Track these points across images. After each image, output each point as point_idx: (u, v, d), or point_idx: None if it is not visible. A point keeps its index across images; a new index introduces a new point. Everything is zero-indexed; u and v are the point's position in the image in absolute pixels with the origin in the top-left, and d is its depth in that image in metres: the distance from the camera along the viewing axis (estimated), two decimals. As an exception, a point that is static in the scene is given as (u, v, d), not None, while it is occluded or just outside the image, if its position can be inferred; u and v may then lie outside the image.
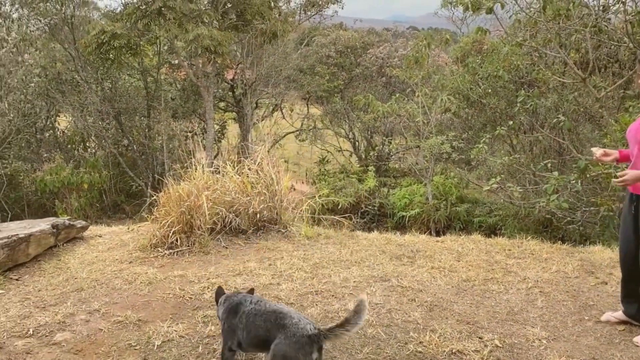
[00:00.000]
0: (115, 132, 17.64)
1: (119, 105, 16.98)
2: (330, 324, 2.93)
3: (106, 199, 16.98)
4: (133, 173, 16.78)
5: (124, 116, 17.49)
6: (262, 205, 6.19)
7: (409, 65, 12.87)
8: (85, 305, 4.25)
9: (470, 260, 5.26)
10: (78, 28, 16.54)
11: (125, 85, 17.86)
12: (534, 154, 10.35)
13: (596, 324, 3.92)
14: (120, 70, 16.97)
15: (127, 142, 17.58)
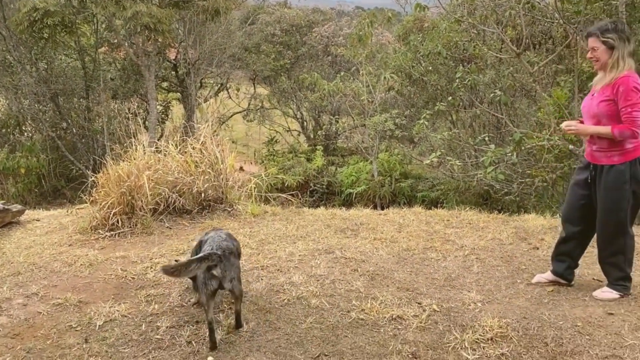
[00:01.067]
0: (52, 114, 16.89)
1: (55, 87, 16.24)
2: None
3: (45, 184, 16.34)
4: (73, 157, 16.18)
5: (62, 98, 16.74)
6: (207, 184, 6.16)
7: (353, 44, 12.94)
8: (23, 289, 4.14)
9: (410, 231, 5.42)
10: (8, 5, 15.65)
11: (62, 66, 17.07)
12: (473, 129, 10.70)
13: (527, 286, 4.14)
14: (55, 50, 16.19)
15: (65, 125, 16.91)
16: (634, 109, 3.53)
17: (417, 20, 13.46)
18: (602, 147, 3.74)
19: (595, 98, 3.75)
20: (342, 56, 18.26)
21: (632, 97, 3.53)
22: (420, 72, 11.54)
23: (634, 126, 3.54)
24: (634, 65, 3.66)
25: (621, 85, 3.56)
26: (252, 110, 23.32)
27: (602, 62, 3.69)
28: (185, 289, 4.09)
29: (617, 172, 3.68)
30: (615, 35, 3.61)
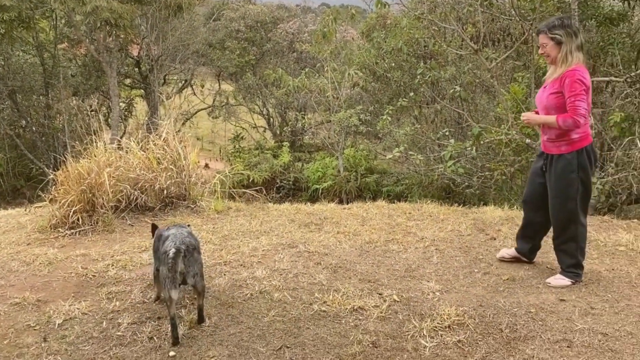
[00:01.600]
0: (10, 112, 16.47)
1: (13, 84, 15.81)
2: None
3: (4, 183, 15.92)
4: (33, 155, 15.81)
5: (20, 95, 16.32)
6: (169, 181, 6.11)
7: (317, 40, 12.98)
8: (-21, 290, 4.05)
9: (373, 224, 5.51)
10: (-39, 0, 15.14)
11: (20, 62, 16.62)
12: (436, 124, 10.89)
13: (484, 275, 4.27)
14: (13, 46, 15.77)
15: (24, 123, 16.49)
16: (577, 98, 3.71)
17: (380, 17, 13.59)
18: (552, 137, 3.95)
19: (546, 91, 3.94)
20: (307, 52, 18.29)
21: (576, 88, 3.71)
22: (383, 69, 11.66)
23: (575, 115, 3.71)
24: (582, 58, 3.85)
25: (567, 78, 3.75)
26: (217, 106, 23.16)
27: (552, 57, 3.87)
28: (147, 285, 4.08)
29: (565, 161, 3.89)
30: (562, 31, 3.79)
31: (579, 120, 3.72)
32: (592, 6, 7.60)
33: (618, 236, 5.06)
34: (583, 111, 3.72)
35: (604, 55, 7.80)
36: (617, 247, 4.83)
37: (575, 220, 3.99)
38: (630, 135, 6.53)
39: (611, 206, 7.10)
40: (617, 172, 6.64)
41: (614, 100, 7.23)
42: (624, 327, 3.43)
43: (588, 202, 4.13)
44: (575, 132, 3.83)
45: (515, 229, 5.28)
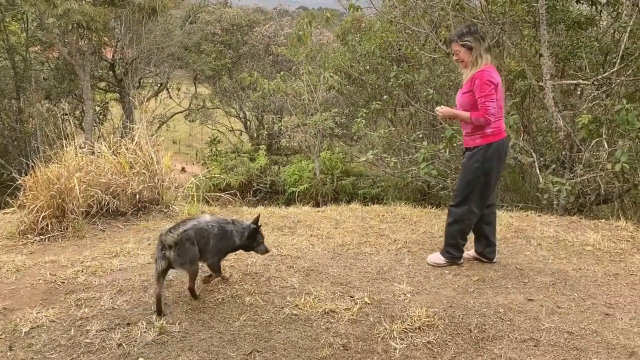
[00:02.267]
0: (-20, 116, 16.14)
1: (-18, 88, 15.53)
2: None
3: (-27, 189, 15.56)
4: (4, 160, 15.50)
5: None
6: (142, 185, 6.05)
7: (293, 43, 12.97)
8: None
9: (346, 227, 5.53)
10: None
11: (-10, 65, 16.34)
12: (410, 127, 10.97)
13: (455, 276, 4.32)
14: (-18, 49, 15.50)
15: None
16: (487, 99, 4.07)
17: (355, 20, 13.66)
18: (468, 132, 4.31)
19: (461, 90, 4.32)
20: (283, 56, 18.26)
21: (485, 89, 4.07)
22: (359, 72, 11.72)
23: (486, 114, 4.08)
24: (490, 59, 4.21)
25: (477, 79, 4.11)
26: (193, 110, 22.99)
27: (465, 62, 4.23)
28: (117, 291, 4.03)
29: (473, 152, 4.27)
30: (471, 37, 4.16)
31: (489, 119, 4.09)
32: (561, 10, 7.74)
33: (586, 236, 5.17)
34: (493, 110, 4.08)
35: (572, 59, 7.95)
36: (584, 246, 4.93)
37: (469, 204, 4.32)
38: (597, 137, 6.67)
39: (580, 207, 7.24)
40: (586, 173, 6.77)
41: (582, 103, 7.37)
42: (589, 326, 3.50)
43: (488, 193, 4.41)
44: (489, 127, 4.18)
45: (486, 230, 5.37)
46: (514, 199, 8.38)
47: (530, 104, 8.64)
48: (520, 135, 7.82)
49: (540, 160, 7.40)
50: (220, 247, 3.96)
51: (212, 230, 3.88)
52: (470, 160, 4.26)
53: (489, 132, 4.19)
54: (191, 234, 3.73)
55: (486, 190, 4.34)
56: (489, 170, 4.24)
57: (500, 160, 4.31)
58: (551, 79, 7.18)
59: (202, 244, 3.79)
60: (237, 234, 4.02)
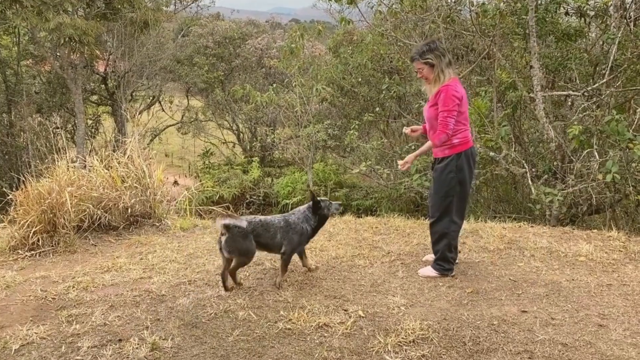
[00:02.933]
0: (-29, 130, 16.06)
1: (-27, 101, 15.47)
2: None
3: (-36, 204, 15.43)
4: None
5: (-19, 113, 15.96)
6: (134, 199, 6.04)
7: (285, 56, 13.03)
8: None
9: (340, 239, 5.52)
10: None
11: (-19, 79, 16.28)
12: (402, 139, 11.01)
13: (449, 288, 4.30)
14: (-27, 63, 15.45)
15: (-14, 142, 16.08)
16: (449, 114, 4.18)
17: (347, 33, 13.76)
18: (436, 145, 4.38)
19: (428, 104, 4.40)
20: (275, 68, 18.34)
21: (449, 103, 4.16)
22: (351, 84, 11.77)
23: (447, 129, 4.20)
24: (453, 73, 4.30)
25: (442, 93, 4.18)
26: (186, 122, 22.99)
27: (429, 79, 4.31)
28: (109, 307, 3.99)
29: (445, 163, 4.33)
30: (432, 54, 4.25)
31: (449, 133, 4.21)
32: (550, 22, 7.83)
33: (578, 247, 5.18)
34: (452, 126, 4.19)
35: (562, 70, 8.03)
36: (577, 257, 4.94)
37: (450, 215, 4.39)
38: (588, 147, 6.72)
39: (573, 217, 7.27)
40: (577, 184, 6.81)
41: (573, 114, 7.43)
42: (583, 337, 3.50)
43: (465, 202, 4.53)
44: (456, 138, 4.27)
45: (480, 241, 5.39)
46: (506, 210, 8.41)
47: (522, 115, 8.71)
48: (512, 146, 7.87)
49: (532, 170, 7.44)
50: (291, 239, 4.25)
51: (279, 224, 4.23)
52: (444, 172, 4.33)
53: (456, 142, 4.28)
54: (244, 225, 4.07)
55: (464, 200, 4.45)
56: (463, 179, 4.33)
57: (471, 168, 4.41)
58: (542, 90, 7.25)
59: (268, 237, 4.19)
60: (302, 220, 4.31)
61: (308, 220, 4.34)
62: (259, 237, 4.16)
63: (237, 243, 4.10)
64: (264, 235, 4.18)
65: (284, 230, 4.24)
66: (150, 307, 3.99)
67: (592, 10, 7.89)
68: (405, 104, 10.74)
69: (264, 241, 4.20)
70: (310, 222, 4.36)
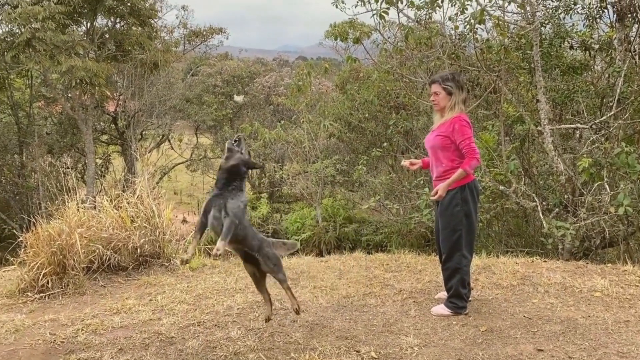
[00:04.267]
0: (-17, 171, 16.28)
1: (-14, 143, 15.73)
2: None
3: (-25, 245, 15.50)
4: (5, 215, 15.52)
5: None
6: (143, 239, 6.01)
7: (293, 93, 13.20)
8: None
9: (350, 277, 5.46)
10: (-64, 61, 15.17)
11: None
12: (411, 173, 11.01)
13: (462, 327, 4.22)
14: (-13, 106, 15.78)
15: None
16: (471, 141, 4.19)
17: (353, 70, 13.95)
18: (439, 176, 4.36)
19: (434, 132, 4.37)
20: (283, 105, 18.56)
21: (466, 132, 4.18)
22: (358, 119, 11.87)
23: (475, 155, 4.18)
24: (464, 109, 4.36)
25: (456, 124, 4.18)
26: (195, 160, 23.19)
27: (441, 106, 4.29)
28: (118, 350, 3.94)
29: (450, 196, 4.27)
30: (453, 83, 4.26)
31: (478, 158, 4.21)
32: (555, 56, 7.89)
33: (593, 282, 5.09)
34: (478, 150, 4.22)
35: (569, 103, 8.04)
36: (592, 293, 4.84)
37: (460, 250, 4.32)
38: (599, 180, 6.67)
39: (586, 250, 7.17)
40: (589, 217, 6.73)
41: (582, 146, 7.41)
42: (603, 377, 3.40)
43: (473, 235, 4.47)
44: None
45: (493, 277, 5.31)
46: (518, 244, 8.31)
47: (530, 148, 8.70)
48: (521, 179, 7.83)
49: (543, 204, 7.37)
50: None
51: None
52: (450, 205, 4.27)
53: None
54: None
55: (472, 233, 4.40)
56: (469, 211, 4.29)
57: (475, 201, 4.37)
58: (549, 123, 7.25)
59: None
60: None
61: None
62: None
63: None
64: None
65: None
66: (160, 349, 3.93)
67: (596, 43, 7.95)
68: (412, 138, 10.79)
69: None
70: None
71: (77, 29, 14.90)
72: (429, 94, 4.45)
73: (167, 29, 19.99)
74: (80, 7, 13.79)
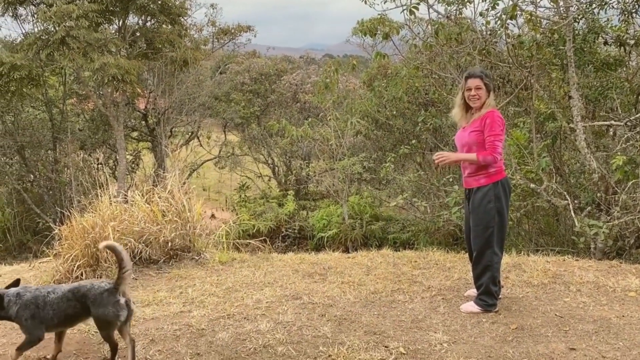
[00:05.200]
0: (18, 167, 16.70)
1: (22, 139, 16.12)
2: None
3: (10, 238, 15.96)
4: (40, 209, 15.91)
5: (29, 150, 16.60)
6: (174, 233, 6.12)
7: (320, 90, 13.21)
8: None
9: (378, 273, 5.45)
10: (-26, 60, 15.65)
11: (29, 118, 17.00)
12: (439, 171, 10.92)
13: (492, 324, 4.18)
14: (22, 103, 16.17)
15: (32, 177, 16.70)
16: (496, 139, 4.17)
17: (381, 67, 13.88)
18: (471, 172, 4.35)
19: (467, 129, 4.35)
20: (310, 102, 18.59)
21: (496, 128, 4.17)
22: (385, 117, 11.81)
23: (495, 153, 4.17)
24: (495, 105, 4.40)
25: (489, 118, 4.19)
26: (223, 157, 23.39)
27: (482, 100, 4.27)
28: (149, 341, 4.02)
29: (483, 193, 4.29)
30: (489, 80, 4.29)
31: (497, 157, 4.19)
32: (589, 52, 7.73)
33: (627, 281, 4.98)
34: (500, 150, 4.20)
35: (603, 100, 7.88)
36: (626, 292, 4.74)
37: (491, 247, 4.31)
38: (634, 178, 6.52)
39: (620, 250, 7.01)
40: (623, 216, 6.59)
41: (615, 144, 7.25)
42: (638, 377, 3.33)
43: (505, 232, 4.46)
44: (492, 167, 4.25)
45: (523, 276, 5.24)
46: (549, 243, 8.18)
47: (562, 146, 8.54)
48: (552, 177, 7.70)
49: (575, 202, 7.24)
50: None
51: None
52: (483, 202, 4.27)
53: (492, 171, 4.27)
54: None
55: (503, 230, 4.38)
56: (501, 208, 4.28)
57: (507, 198, 4.36)
58: (582, 120, 7.11)
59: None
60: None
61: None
62: None
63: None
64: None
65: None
66: (190, 341, 4.00)
67: (631, 39, 7.76)
68: (441, 135, 10.70)
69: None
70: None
71: (109, 27, 15.17)
72: (466, 88, 4.32)
73: (197, 27, 20.20)
74: (113, 5, 14.03)
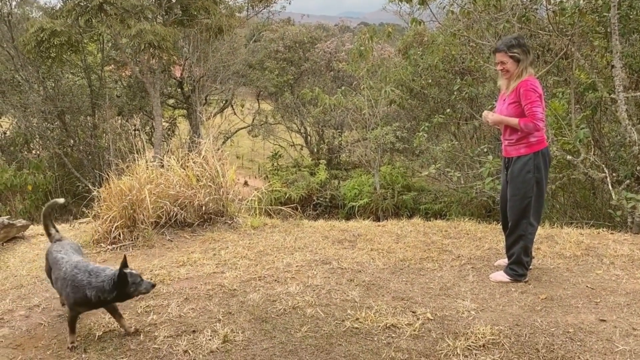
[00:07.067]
0: (59, 132, 17.16)
1: (62, 105, 16.50)
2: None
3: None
4: (79, 173, 16.37)
5: (69, 115, 17.01)
6: (208, 197, 6.25)
7: (354, 58, 13.08)
8: (25, 302, 4.23)
9: (408, 241, 5.48)
10: (17, 26, 16.00)
11: (69, 84, 17.38)
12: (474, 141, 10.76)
13: (521, 294, 4.18)
14: (62, 69, 16.51)
15: (72, 142, 17.15)
16: (534, 105, 4.10)
17: (417, 34, 13.62)
18: (512, 141, 4.29)
19: (505, 102, 4.28)
20: (344, 71, 18.43)
21: (531, 96, 4.10)
22: (420, 86, 11.64)
23: (535, 119, 4.10)
24: (533, 72, 4.29)
25: (522, 87, 4.12)
26: (256, 125, 23.53)
27: (511, 73, 4.21)
28: (184, 299, 4.17)
29: (523, 162, 4.24)
30: (519, 49, 4.16)
31: (538, 124, 4.12)
32: (635, 19, 7.42)
33: (664, 255, 4.88)
34: (540, 115, 4.12)
35: (649, 69, 7.58)
36: (662, 266, 4.65)
37: (527, 218, 4.28)
38: (676, 151, 6.31)
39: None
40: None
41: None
42: (669, 350, 3.29)
43: (542, 203, 4.41)
44: (533, 136, 4.19)
45: (556, 247, 5.19)
46: (584, 216, 8.02)
47: (602, 117, 8.30)
48: (591, 149, 7.51)
49: (613, 175, 7.06)
50: (68, 295, 3.52)
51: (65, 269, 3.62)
52: (522, 172, 4.23)
53: (533, 140, 4.21)
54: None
55: (541, 201, 4.33)
56: (540, 179, 4.24)
57: (547, 169, 4.32)
58: (624, 91, 6.87)
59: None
60: (87, 285, 3.48)
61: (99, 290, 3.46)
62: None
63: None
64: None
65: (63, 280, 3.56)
66: (223, 300, 4.13)
67: (681, 5, 7.40)
68: (477, 105, 10.50)
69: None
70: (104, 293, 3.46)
71: (145, -6, 15.25)
72: (495, 62, 4.34)
73: (232, -6, 20.12)
74: (149, -29, 14.11)
